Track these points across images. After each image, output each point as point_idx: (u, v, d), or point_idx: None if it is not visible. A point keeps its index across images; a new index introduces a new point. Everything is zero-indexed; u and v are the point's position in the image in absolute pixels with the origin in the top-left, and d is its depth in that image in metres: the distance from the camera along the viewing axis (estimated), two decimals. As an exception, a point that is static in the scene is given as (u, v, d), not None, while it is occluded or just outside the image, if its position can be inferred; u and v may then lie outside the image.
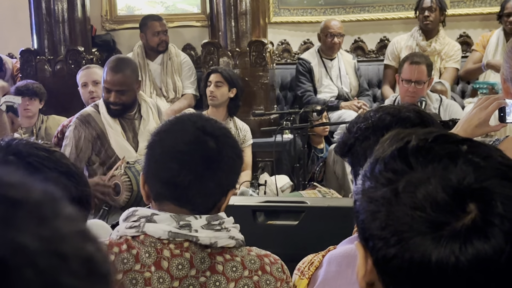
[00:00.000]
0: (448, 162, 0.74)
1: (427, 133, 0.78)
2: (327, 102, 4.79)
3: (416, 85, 3.83)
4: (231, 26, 4.96)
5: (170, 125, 1.43)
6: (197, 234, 1.36)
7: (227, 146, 1.40)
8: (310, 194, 3.13)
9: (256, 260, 1.42)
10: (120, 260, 1.34)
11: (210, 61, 5.00)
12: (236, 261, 1.39)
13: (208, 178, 1.38)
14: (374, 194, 0.76)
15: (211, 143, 1.38)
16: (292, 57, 5.62)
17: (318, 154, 4.57)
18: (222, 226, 1.39)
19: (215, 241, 1.37)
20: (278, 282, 1.41)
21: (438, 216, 0.71)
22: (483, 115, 1.71)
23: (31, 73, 5.14)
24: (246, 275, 1.39)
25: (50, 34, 5.17)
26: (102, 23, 5.81)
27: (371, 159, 0.79)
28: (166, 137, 1.41)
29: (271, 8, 5.60)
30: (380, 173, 0.76)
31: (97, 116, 3.43)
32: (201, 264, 1.37)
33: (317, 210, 2.29)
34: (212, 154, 1.38)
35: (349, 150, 1.43)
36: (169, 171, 1.39)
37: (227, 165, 1.40)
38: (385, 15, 5.58)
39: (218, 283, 1.37)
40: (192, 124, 1.41)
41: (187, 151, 1.38)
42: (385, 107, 1.46)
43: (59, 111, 4.74)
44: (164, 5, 5.82)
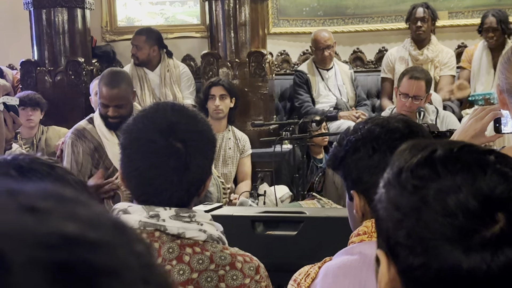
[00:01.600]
0: (477, 171, 0.75)
1: (451, 143, 0.80)
2: (326, 113, 4.80)
3: (413, 100, 3.81)
4: (231, 37, 4.99)
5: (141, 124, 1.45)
6: (165, 223, 1.41)
7: (196, 150, 1.42)
8: (309, 205, 3.13)
9: (228, 257, 1.43)
10: None
11: (209, 71, 5.02)
12: (205, 255, 1.41)
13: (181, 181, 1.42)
14: (400, 202, 0.76)
15: (180, 148, 1.40)
16: (291, 68, 5.65)
17: (317, 164, 4.58)
18: (192, 219, 1.43)
19: (182, 231, 1.41)
20: (247, 279, 1.42)
21: (469, 224, 0.72)
22: (478, 126, 1.72)
23: (31, 84, 5.17)
24: (212, 268, 1.41)
25: (50, 45, 5.20)
26: (102, 34, 5.84)
27: (394, 168, 0.80)
28: (135, 138, 1.45)
29: (270, 19, 5.64)
30: (406, 180, 0.77)
31: (92, 129, 3.44)
32: (168, 254, 1.41)
33: (316, 220, 2.30)
34: (182, 159, 1.40)
35: (340, 162, 1.44)
36: (142, 176, 1.44)
37: (197, 166, 1.42)
38: (383, 26, 5.61)
39: (182, 271, 1.40)
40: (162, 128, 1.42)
41: (156, 159, 1.41)
42: (374, 119, 1.48)
43: (59, 122, 4.76)
44: (163, 16, 5.85)
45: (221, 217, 2.29)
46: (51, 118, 4.76)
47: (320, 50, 5.11)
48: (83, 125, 3.48)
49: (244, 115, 4.86)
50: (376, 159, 1.37)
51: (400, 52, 5.17)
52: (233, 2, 4.95)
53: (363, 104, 5.27)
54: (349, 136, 1.42)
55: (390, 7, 5.57)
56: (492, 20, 4.90)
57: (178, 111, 1.47)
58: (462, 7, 5.48)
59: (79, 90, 5.13)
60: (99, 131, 3.44)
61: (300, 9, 5.69)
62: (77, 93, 5.12)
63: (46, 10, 5.15)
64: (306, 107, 5.08)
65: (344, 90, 5.22)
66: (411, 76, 3.85)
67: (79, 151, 3.42)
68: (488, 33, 4.91)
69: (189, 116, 1.47)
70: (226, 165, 4.35)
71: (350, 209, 1.46)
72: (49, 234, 0.40)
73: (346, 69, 5.31)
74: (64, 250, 0.40)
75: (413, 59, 5.06)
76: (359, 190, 1.40)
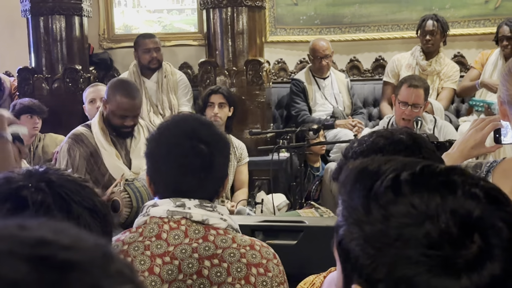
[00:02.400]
0: (447, 193, 0.75)
1: (409, 164, 0.78)
2: (323, 121, 4.82)
3: (412, 109, 3.86)
4: (228, 45, 5.00)
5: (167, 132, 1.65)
6: (190, 211, 1.59)
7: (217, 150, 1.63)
8: (307, 213, 3.14)
9: (247, 240, 1.61)
10: (128, 237, 1.59)
11: (207, 79, 5.03)
12: (227, 236, 1.59)
13: (208, 177, 1.62)
14: (374, 238, 0.74)
15: (204, 148, 1.60)
16: (288, 76, 5.67)
17: (314, 173, 4.59)
18: (214, 209, 1.62)
19: (206, 218, 1.59)
20: (264, 259, 1.58)
21: (454, 250, 0.72)
22: (479, 136, 1.73)
23: (28, 91, 5.17)
24: (235, 246, 1.57)
25: (48, 52, 5.20)
26: (100, 41, 5.85)
27: (359, 200, 0.77)
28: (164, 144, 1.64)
29: (267, 27, 5.66)
30: (375, 211, 0.75)
31: (90, 135, 3.47)
32: (195, 234, 1.58)
33: (316, 229, 2.31)
34: (206, 158, 1.60)
35: None
36: (171, 177, 1.61)
37: (220, 163, 1.64)
38: (380, 35, 5.64)
39: (208, 248, 1.56)
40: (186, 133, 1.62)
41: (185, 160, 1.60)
42: (378, 131, 1.50)
43: (56, 129, 4.76)
44: (161, 24, 5.87)
45: (220, 226, 2.29)
46: (49, 125, 4.75)
47: (318, 59, 5.13)
48: (81, 130, 3.50)
49: (241, 123, 4.87)
50: None
51: (408, 59, 5.19)
52: (230, 10, 4.97)
53: (359, 112, 5.29)
54: (354, 148, 1.44)
55: (387, 16, 5.60)
56: (505, 29, 4.93)
57: (197, 119, 1.70)
58: (458, 17, 5.52)
59: (76, 98, 5.13)
60: (96, 140, 3.45)
61: (297, 17, 5.71)
62: (75, 101, 5.11)
63: (44, 18, 5.16)
64: (302, 116, 5.09)
65: (341, 98, 5.24)
66: (410, 85, 3.88)
67: (75, 155, 3.44)
68: (503, 42, 4.94)
69: (206, 122, 1.69)
70: (224, 173, 4.35)
71: None
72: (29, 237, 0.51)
73: (343, 78, 5.33)
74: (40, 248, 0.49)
75: (421, 69, 5.09)
76: None
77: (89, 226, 1.10)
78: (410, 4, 5.56)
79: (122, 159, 3.50)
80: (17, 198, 1.08)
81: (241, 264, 1.55)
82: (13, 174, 1.14)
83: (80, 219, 1.09)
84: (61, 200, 1.09)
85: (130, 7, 5.89)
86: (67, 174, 1.16)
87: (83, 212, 1.10)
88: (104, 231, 1.13)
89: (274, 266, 1.59)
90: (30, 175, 1.12)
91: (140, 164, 3.50)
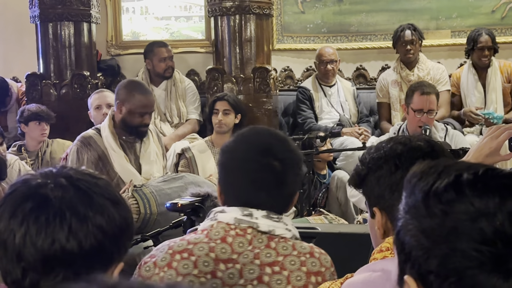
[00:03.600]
0: (507, 195, 0.76)
1: (472, 166, 0.80)
2: (330, 129, 4.83)
3: (428, 115, 3.90)
4: (236, 52, 5.02)
5: (243, 146, 1.68)
6: (257, 221, 1.61)
7: (290, 167, 1.65)
8: (316, 220, 3.15)
9: (307, 248, 1.63)
10: (193, 238, 1.62)
11: (214, 87, 5.05)
12: (288, 244, 1.62)
13: (279, 193, 1.64)
14: (430, 229, 0.76)
15: (277, 166, 1.62)
16: (295, 84, 5.69)
17: (321, 180, 4.60)
18: (280, 220, 1.63)
19: (272, 229, 1.61)
20: (323, 267, 1.60)
21: (507, 249, 0.73)
22: (494, 144, 1.74)
23: (36, 97, 5.19)
24: (295, 254, 1.60)
25: (56, 58, 5.22)
26: (108, 48, 5.87)
27: (419, 194, 0.79)
28: (238, 158, 1.66)
29: (275, 35, 5.68)
30: (434, 206, 0.77)
31: (99, 139, 3.47)
32: (258, 243, 1.61)
33: (328, 236, 2.32)
34: (279, 175, 1.63)
35: (363, 180, 1.46)
36: (243, 193, 1.64)
37: (291, 181, 1.66)
38: (386, 44, 5.65)
39: (269, 254, 1.59)
40: (262, 149, 1.65)
41: (258, 176, 1.63)
42: (396, 138, 1.51)
43: (64, 135, 4.77)
44: (169, 31, 5.89)
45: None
46: (56, 131, 4.77)
47: (323, 64, 5.15)
48: (90, 133, 3.51)
49: (248, 130, 4.87)
50: (398, 176, 1.39)
51: (392, 75, 5.18)
52: (238, 18, 4.99)
53: (366, 120, 5.30)
54: (372, 154, 1.45)
55: (393, 25, 5.61)
56: (487, 39, 4.92)
57: (273, 135, 1.71)
58: (464, 26, 5.53)
59: (84, 104, 5.12)
60: (106, 143, 3.45)
61: (304, 26, 5.74)
62: (82, 106, 5.11)
63: (52, 24, 5.19)
64: (309, 123, 5.10)
65: (347, 106, 5.25)
66: (422, 92, 3.91)
67: (83, 158, 3.44)
68: (484, 51, 4.91)
69: (282, 138, 1.71)
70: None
71: (371, 226, 1.48)
72: None
73: (349, 86, 5.35)
74: None
75: (405, 80, 5.07)
76: (381, 207, 1.42)
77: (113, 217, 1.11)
78: (417, 13, 5.58)
79: (132, 164, 3.50)
80: (38, 196, 1.09)
81: (301, 273, 1.58)
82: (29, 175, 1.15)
83: (103, 210, 1.10)
84: (82, 193, 1.10)
85: (138, 14, 5.91)
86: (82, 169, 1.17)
87: (105, 202, 1.11)
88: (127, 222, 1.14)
89: (332, 273, 1.62)
90: (46, 174, 1.13)
91: (150, 170, 3.51)
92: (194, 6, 5.86)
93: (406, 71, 5.10)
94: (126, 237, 1.13)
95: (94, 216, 1.08)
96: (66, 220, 1.07)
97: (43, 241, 1.05)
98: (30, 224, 1.06)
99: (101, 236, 1.08)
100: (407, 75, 5.08)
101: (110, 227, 1.09)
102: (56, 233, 1.06)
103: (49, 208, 1.07)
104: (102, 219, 1.09)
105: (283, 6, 5.71)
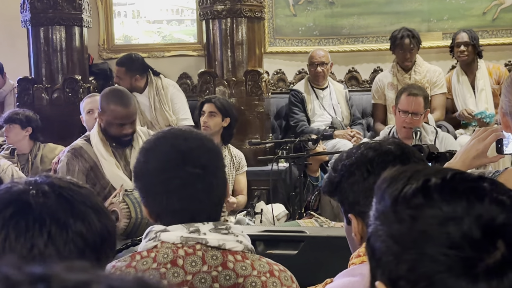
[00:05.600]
0: (474, 199, 0.76)
1: (441, 170, 0.80)
2: (322, 131, 4.83)
3: (413, 117, 3.88)
4: (228, 55, 5.03)
5: (156, 163, 1.54)
6: (206, 236, 1.51)
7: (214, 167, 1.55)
8: (307, 223, 3.15)
9: (266, 265, 1.54)
10: (141, 263, 1.50)
11: (206, 90, 5.05)
12: (246, 262, 1.52)
13: (210, 198, 1.54)
14: (399, 235, 0.76)
15: (201, 173, 1.52)
16: (287, 87, 5.69)
17: (313, 183, 4.60)
18: (229, 230, 1.53)
19: (223, 243, 1.51)
20: (284, 286, 1.52)
21: (474, 253, 0.73)
22: (481, 146, 1.74)
23: (28, 101, 5.18)
24: (255, 274, 1.51)
25: (47, 62, 5.21)
26: (99, 52, 5.87)
27: (388, 200, 0.79)
28: (157, 176, 1.53)
29: (266, 38, 5.69)
30: (402, 211, 0.77)
31: (89, 148, 3.43)
32: (213, 260, 1.50)
33: (317, 239, 2.31)
34: (206, 181, 1.53)
35: (336, 188, 1.47)
36: (175, 208, 1.53)
37: (220, 179, 1.56)
38: (378, 46, 5.67)
39: (229, 277, 1.49)
40: (179, 159, 1.52)
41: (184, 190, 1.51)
42: (366, 143, 1.51)
43: (55, 140, 4.77)
44: (161, 35, 5.89)
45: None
46: (48, 136, 4.76)
47: (313, 66, 5.15)
48: (80, 144, 3.46)
49: (240, 133, 4.88)
50: (371, 181, 1.39)
51: (388, 78, 5.19)
52: (230, 21, 5.00)
53: (358, 123, 5.31)
54: (344, 161, 1.45)
55: (385, 27, 5.64)
56: (463, 36, 4.99)
57: (187, 139, 1.55)
58: (456, 28, 5.54)
59: (76, 108, 5.11)
60: (96, 150, 3.43)
61: (296, 28, 5.75)
62: (74, 111, 5.11)
63: (44, 28, 5.18)
64: (301, 126, 5.11)
65: (339, 109, 5.26)
66: (409, 93, 3.92)
67: (74, 170, 3.41)
68: (460, 47, 4.96)
69: (196, 140, 1.56)
70: (223, 182, 4.35)
71: (348, 233, 1.48)
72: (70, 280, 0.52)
73: (341, 89, 5.35)
74: None
75: (402, 83, 5.07)
76: (356, 213, 1.42)
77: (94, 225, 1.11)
78: (408, 16, 5.60)
79: (121, 170, 3.48)
80: (20, 202, 1.09)
81: None
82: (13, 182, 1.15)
83: (85, 218, 1.10)
84: (65, 201, 1.10)
85: (130, 18, 5.91)
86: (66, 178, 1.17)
87: (87, 210, 1.11)
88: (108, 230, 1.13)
89: None
90: (30, 182, 1.14)
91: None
92: (186, 10, 5.86)
93: (403, 74, 5.11)
94: (107, 245, 1.13)
95: (75, 223, 1.08)
96: (45, 226, 1.07)
97: (22, 246, 1.05)
98: (10, 229, 1.07)
99: (81, 243, 1.08)
100: (403, 78, 5.09)
101: (90, 234, 1.09)
102: (35, 238, 1.06)
103: (30, 214, 1.07)
104: (82, 226, 1.09)
105: (275, 9, 5.71)
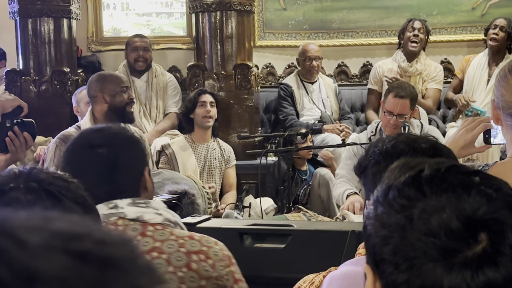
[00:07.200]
0: (461, 192, 0.77)
1: (439, 163, 0.81)
2: (311, 126, 4.83)
3: (397, 118, 3.80)
4: (217, 49, 5.01)
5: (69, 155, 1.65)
6: (123, 210, 1.57)
7: (119, 148, 1.62)
8: (295, 217, 3.15)
9: (186, 233, 1.59)
10: None
11: (195, 83, 5.04)
12: (165, 230, 1.57)
13: (120, 180, 1.60)
14: (387, 220, 0.78)
15: (104, 152, 1.59)
16: (277, 80, 5.69)
17: (302, 177, 4.60)
18: (148, 205, 1.60)
19: (140, 215, 1.57)
20: (205, 247, 1.56)
21: (451, 243, 0.74)
22: (469, 136, 1.75)
23: (15, 94, 5.11)
24: (173, 238, 1.56)
25: (35, 54, 5.18)
26: (88, 44, 5.84)
27: (383, 186, 0.82)
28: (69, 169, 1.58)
29: (256, 31, 5.68)
30: (394, 199, 0.79)
31: None
32: (133, 232, 1.56)
33: (304, 233, 2.32)
34: (111, 160, 1.59)
35: (363, 171, 1.46)
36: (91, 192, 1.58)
37: (128, 159, 1.62)
38: (368, 41, 5.67)
39: (147, 243, 1.55)
40: (83, 145, 1.63)
41: (92, 172, 1.58)
42: (403, 135, 1.49)
43: (43, 132, 4.72)
44: (150, 28, 5.86)
45: (209, 229, 2.30)
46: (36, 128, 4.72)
47: (309, 60, 5.15)
48: (70, 131, 3.46)
49: (229, 127, 4.88)
50: None
51: (389, 64, 5.23)
52: (219, 14, 4.98)
53: (347, 117, 5.32)
54: (374, 148, 1.44)
55: (375, 22, 5.64)
56: (501, 20, 5.02)
57: (91, 132, 1.68)
58: (445, 23, 5.56)
59: (64, 100, 5.11)
60: None
61: (286, 22, 5.74)
62: (62, 103, 5.10)
63: (32, 20, 5.15)
64: (290, 120, 5.10)
65: (328, 103, 5.26)
66: (396, 95, 3.79)
67: (61, 155, 3.40)
68: (495, 29, 4.98)
69: (100, 128, 1.69)
70: (212, 175, 4.35)
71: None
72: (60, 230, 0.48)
73: (330, 83, 5.35)
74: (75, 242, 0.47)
75: (402, 71, 5.12)
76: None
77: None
78: (398, 11, 5.60)
79: None
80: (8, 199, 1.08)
81: (180, 253, 1.54)
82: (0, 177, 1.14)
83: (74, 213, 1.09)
84: (53, 197, 1.09)
85: (119, 10, 5.88)
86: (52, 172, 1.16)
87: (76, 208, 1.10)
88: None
89: (217, 251, 1.57)
90: (17, 176, 1.12)
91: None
92: (175, 3, 5.84)
93: (406, 62, 5.14)
94: None
95: None
96: None
97: None
98: None
99: None
100: (405, 66, 5.12)
101: None
102: None
103: None
104: None
105: (264, 2, 5.70)
